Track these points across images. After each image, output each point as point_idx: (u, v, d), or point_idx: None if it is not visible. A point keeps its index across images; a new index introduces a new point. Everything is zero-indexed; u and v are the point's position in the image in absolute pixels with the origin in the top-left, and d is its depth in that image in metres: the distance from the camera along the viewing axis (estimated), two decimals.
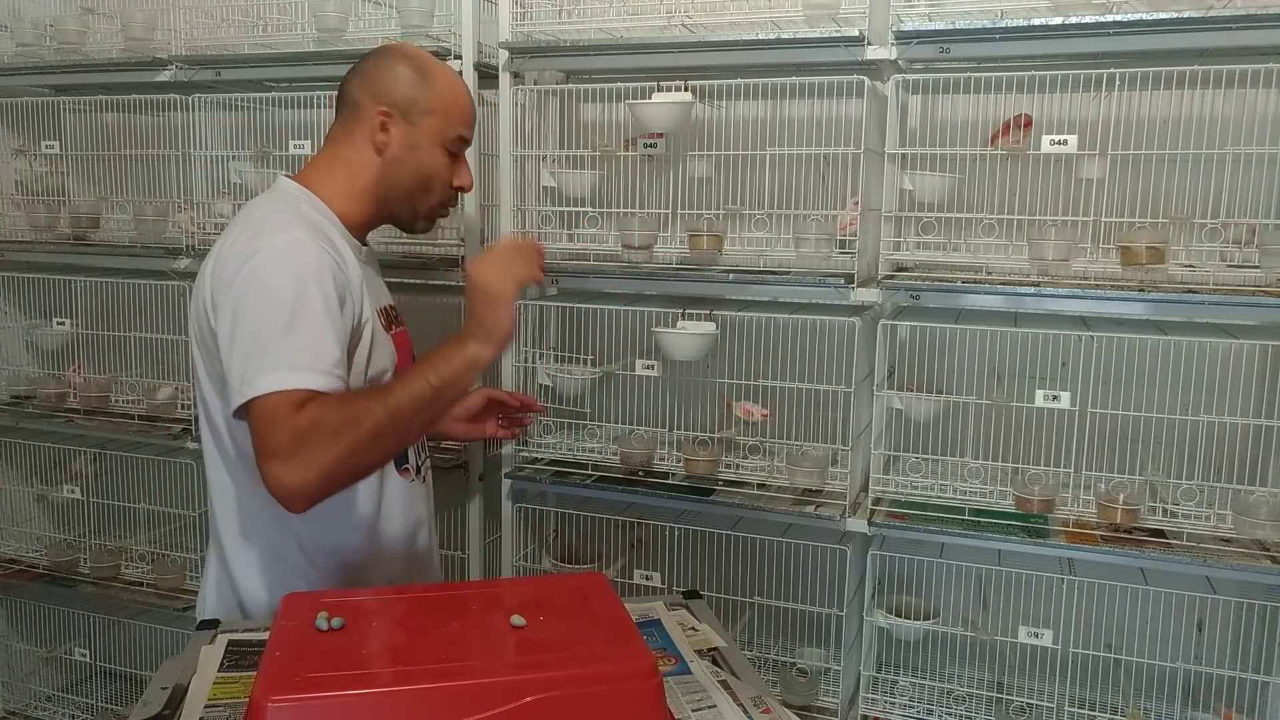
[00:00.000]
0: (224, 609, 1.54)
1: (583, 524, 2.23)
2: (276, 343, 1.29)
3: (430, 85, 1.52)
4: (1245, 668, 1.96)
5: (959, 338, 2.07)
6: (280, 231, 1.38)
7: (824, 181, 2.12)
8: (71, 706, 2.83)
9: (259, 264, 1.33)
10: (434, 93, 1.52)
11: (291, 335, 1.30)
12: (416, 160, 1.53)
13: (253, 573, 1.51)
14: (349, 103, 1.53)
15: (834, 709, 2.07)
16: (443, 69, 1.57)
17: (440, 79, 1.54)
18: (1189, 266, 1.84)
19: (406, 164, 1.52)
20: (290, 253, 1.35)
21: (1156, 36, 1.72)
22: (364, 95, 1.52)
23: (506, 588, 1.56)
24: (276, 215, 1.44)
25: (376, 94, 1.51)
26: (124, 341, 2.54)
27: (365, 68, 1.54)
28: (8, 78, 2.58)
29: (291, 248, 1.36)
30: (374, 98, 1.51)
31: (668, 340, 2.00)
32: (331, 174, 1.52)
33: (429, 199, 1.56)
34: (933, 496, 1.99)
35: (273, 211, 1.46)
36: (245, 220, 1.45)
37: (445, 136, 1.54)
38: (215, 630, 1.40)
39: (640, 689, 1.06)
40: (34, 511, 2.84)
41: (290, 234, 1.38)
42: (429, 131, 1.52)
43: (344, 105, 1.54)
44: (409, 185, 1.53)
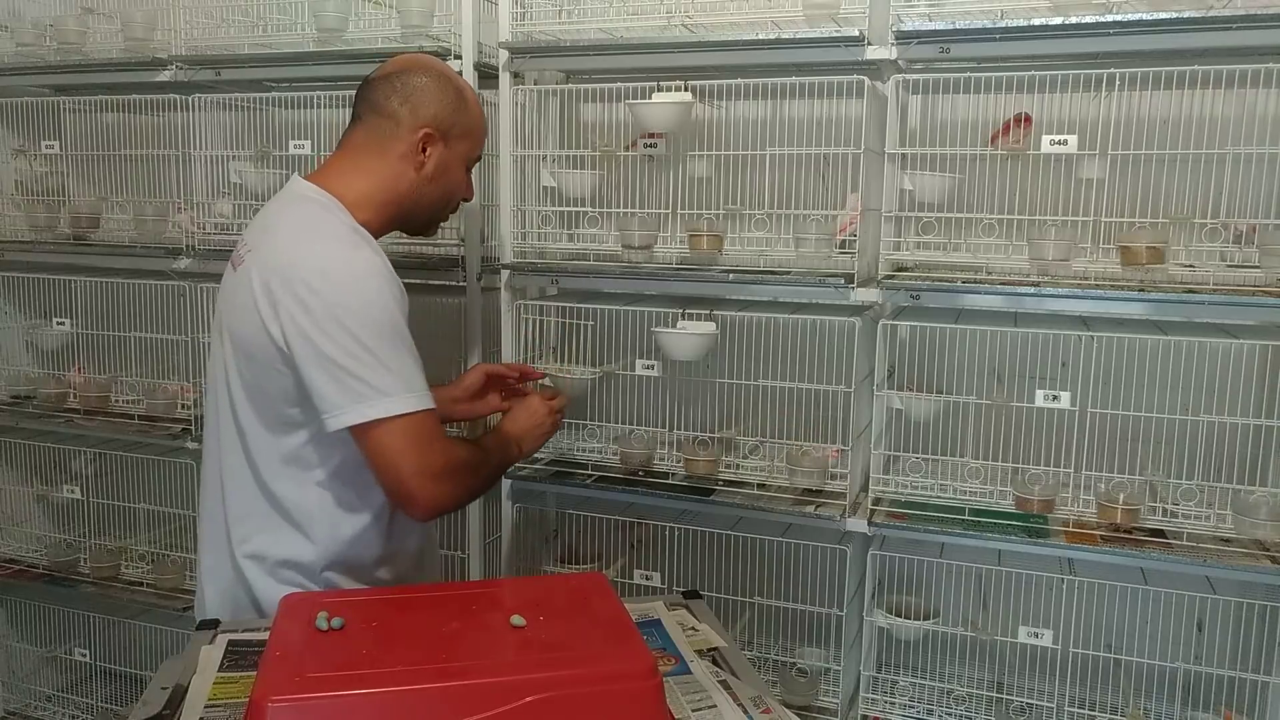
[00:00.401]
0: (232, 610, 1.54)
1: (583, 524, 2.23)
2: (393, 358, 1.39)
3: (468, 111, 1.59)
4: (1245, 668, 1.96)
5: (959, 338, 2.07)
6: (356, 248, 1.43)
7: (824, 181, 2.12)
8: (71, 706, 2.83)
9: (351, 280, 1.39)
10: (470, 118, 1.60)
11: (405, 355, 1.41)
12: (446, 179, 1.59)
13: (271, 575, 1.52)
14: (382, 113, 1.53)
15: (834, 709, 2.07)
16: (472, 92, 1.63)
17: (474, 104, 1.62)
18: (1189, 266, 1.84)
19: (438, 182, 1.58)
20: (379, 273, 1.42)
21: (1156, 36, 1.72)
22: (403, 110, 1.53)
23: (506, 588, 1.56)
24: (329, 227, 1.46)
25: (418, 112, 1.53)
26: (124, 341, 2.54)
27: (407, 82, 1.54)
28: (8, 78, 2.58)
29: (376, 267, 1.42)
30: (415, 115, 1.53)
31: (668, 340, 2.00)
32: (356, 181, 1.52)
33: (445, 212, 1.65)
34: (933, 496, 1.99)
35: (322, 222, 1.47)
36: (291, 229, 1.46)
37: (470, 158, 1.63)
38: (215, 630, 1.40)
39: (640, 689, 1.06)
40: (34, 511, 2.84)
41: (363, 250, 1.43)
42: (460, 154, 1.60)
43: (374, 113, 1.54)
44: (434, 201, 1.60)
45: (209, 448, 1.57)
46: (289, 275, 1.39)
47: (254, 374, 1.45)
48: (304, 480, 1.48)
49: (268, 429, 1.47)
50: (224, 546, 1.54)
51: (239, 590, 1.54)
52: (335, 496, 1.49)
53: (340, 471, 1.48)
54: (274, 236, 1.46)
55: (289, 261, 1.40)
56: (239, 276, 1.47)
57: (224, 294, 1.53)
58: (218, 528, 1.55)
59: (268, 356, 1.42)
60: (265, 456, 1.48)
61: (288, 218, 1.50)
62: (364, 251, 1.43)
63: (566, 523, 2.25)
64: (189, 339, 2.42)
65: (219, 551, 1.55)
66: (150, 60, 2.37)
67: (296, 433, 1.46)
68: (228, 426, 1.52)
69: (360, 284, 1.39)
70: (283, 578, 1.51)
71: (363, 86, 1.57)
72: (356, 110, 1.56)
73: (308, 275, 1.38)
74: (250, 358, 1.45)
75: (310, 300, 1.37)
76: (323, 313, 1.36)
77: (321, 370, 1.37)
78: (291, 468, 1.48)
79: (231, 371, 1.48)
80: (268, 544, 1.51)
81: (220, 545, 1.55)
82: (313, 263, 1.39)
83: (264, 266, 1.42)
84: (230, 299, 1.50)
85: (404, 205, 1.56)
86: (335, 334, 1.36)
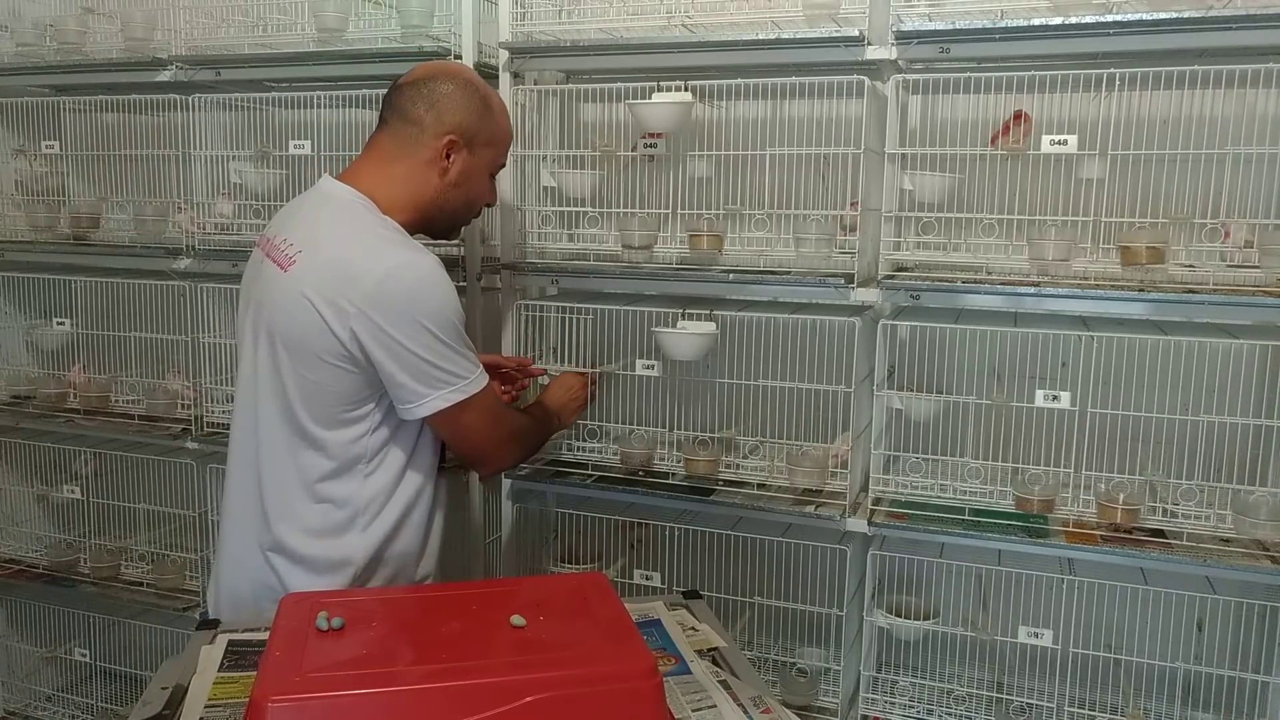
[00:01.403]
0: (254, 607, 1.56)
1: (583, 524, 2.23)
2: (461, 346, 1.51)
3: (494, 120, 1.64)
4: (1245, 668, 1.96)
5: (959, 338, 2.07)
6: (417, 250, 1.50)
7: (824, 181, 2.12)
8: (71, 706, 2.83)
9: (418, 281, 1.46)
10: (496, 127, 1.64)
11: (464, 338, 1.52)
12: (470, 186, 1.64)
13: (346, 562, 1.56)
14: (409, 119, 1.56)
15: (834, 709, 2.07)
16: (499, 102, 1.67)
17: (500, 114, 1.67)
18: (1189, 266, 1.84)
19: (462, 189, 1.62)
20: (440, 271, 1.50)
21: (1156, 36, 1.72)
22: (430, 117, 1.56)
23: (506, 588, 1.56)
24: (376, 230, 1.51)
25: (443, 119, 1.56)
26: (124, 341, 2.54)
27: (433, 89, 1.57)
28: (8, 78, 2.58)
29: (437, 266, 1.50)
30: (440, 122, 1.56)
31: (668, 340, 2.00)
32: (385, 185, 1.56)
33: (469, 216, 1.70)
34: (933, 496, 1.99)
35: (368, 225, 1.52)
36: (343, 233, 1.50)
37: (495, 166, 1.68)
38: (215, 630, 1.40)
39: (640, 689, 1.06)
40: (34, 511, 2.84)
41: (428, 255, 1.51)
42: (484, 161, 1.65)
43: (401, 119, 1.57)
44: (458, 207, 1.65)
45: (243, 447, 1.59)
46: (358, 279, 1.44)
47: (315, 375, 1.48)
48: (355, 476, 1.53)
49: (324, 427, 1.50)
50: (254, 546, 1.56)
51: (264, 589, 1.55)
52: (385, 490, 1.55)
53: (389, 465, 1.55)
54: (327, 239, 1.49)
55: (353, 266, 1.45)
56: (290, 279, 1.48)
57: (266, 293, 1.53)
58: (249, 527, 1.57)
59: (333, 358, 1.46)
60: (315, 455, 1.52)
61: (334, 220, 1.52)
62: (425, 254, 1.50)
63: (566, 523, 2.25)
64: (189, 339, 2.42)
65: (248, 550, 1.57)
66: (150, 60, 2.37)
67: (352, 428, 1.51)
68: (271, 426, 1.53)
69: (429, 284, 1.47)
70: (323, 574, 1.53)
71: (390, 92, 1.60)
72: (383, 115, 1.59)
73: (381, 278, 1.44)
74: (307, 360, 1.48)
75: (385, 303, 1.44)
76: (399, 314, 1.44)
77: (404, 367, 1.46)
78: (345, 464, 1.52)
79: (284, 372, 1.50)
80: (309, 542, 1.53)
81: (250, 544, 1.57)
82: (381, 266, 1.44)
83: (322, 270, 1.46)
84: (277, 300, 1.50)
85: (428, 210, 1.60)
86: (414, 332, 1.45)
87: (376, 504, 1.55)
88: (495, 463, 1.68)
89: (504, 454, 1.67)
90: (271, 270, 1.52)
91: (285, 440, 1.52)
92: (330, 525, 1.53)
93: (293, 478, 1.53)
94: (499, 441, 1.63)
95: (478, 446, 1.61)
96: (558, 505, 2.28)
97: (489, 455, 1.64)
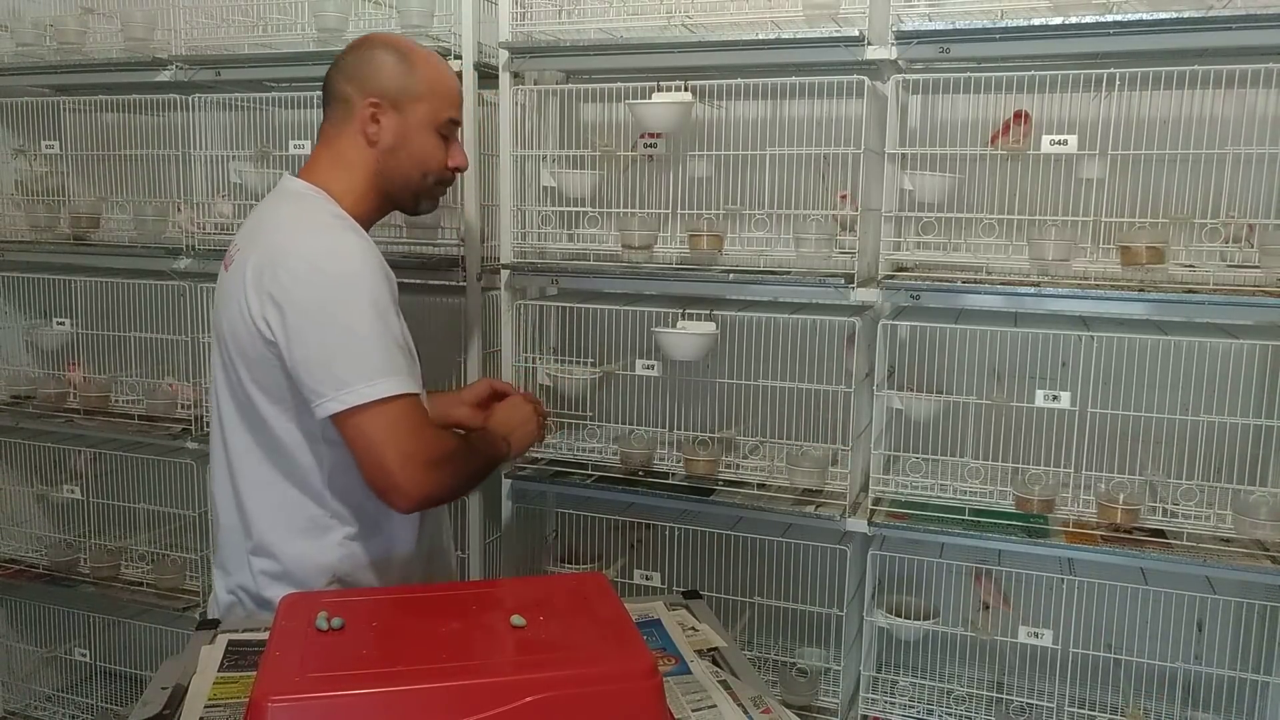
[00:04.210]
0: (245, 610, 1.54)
1: (583, 524, 2.23)
2: (376, 344, 1.37)
3: (416, 71, 1.53)
4: (1245, 668, 1.96)
5: (959, 338, 2.07)
6: (337, 235, 1.42)
7: (824, 181, 2.12)
8: (71, 706, 2.83)
9: (333, 266, 1.38)
10: (420, 78, 1.53)
11: (385, 338, 1.38)
12: (410, 147, 1.54)
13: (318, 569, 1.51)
14: (337, 98, 1.54)
15: (834, 709, 2.07)
16: (425, 53, 1.57)
17: (424, 64, 1.55)
18: (1189, 266, 1.84)
19: (401, 152, 1.54)
20: (359, 258, 1.40)
21: (1156, 36, 1.72)
22: (351, 88, 1.52)
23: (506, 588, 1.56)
24: (314, 217, 1.46)
25: (364, 86, 1.51)
26: (124, 341, 2.54)
27: (348, 61, 1.54)
28: (8, 78, 2.58)
29: (356, 253, 1.40)
30: (361, 90, 1.51)
31: (668, 340, 2.00)
32: (334, 172, 1.53)
33: (426, 183, 1.58)
34: (933, 496, 1.99)
35: (307, 214, 1.47)
36: (279, 223, 1.46)
37: (436, 120, 1.55)
38: (215, 630, 1.40)
39: (640, 689, 1.06)
40: (34, 511, 2.83)
41: (348, 237, 1.42)
42: (419, 119, 1.54)
43: (332, 101, 1.55)
44: (406, 172, 1.55)
45: (216, 454, 1.56)
46: (273, 266, 1.39)
47: (254, 372, 1.44)
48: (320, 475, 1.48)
49: (277, 424, 1.46)
50: (241, 549, 1.54)
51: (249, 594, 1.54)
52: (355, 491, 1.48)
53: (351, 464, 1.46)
54: (260, 233, 1.46)
55: (272, 254, 1.40)
56: (230, 276, 1.47)
57: (218, 297, 1.53)
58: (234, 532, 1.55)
59: (259, 352, 1.41)
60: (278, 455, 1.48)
61: (274, 214, 1.50)
62: (346, 237, 1.42)
63: (566, 523, 2.25)
64: (189, 339, 2.42)
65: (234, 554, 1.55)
66: (150, 60, 2.37)
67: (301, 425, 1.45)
68: (233, 426, 1.51)
69: (340, 270, 1.38)
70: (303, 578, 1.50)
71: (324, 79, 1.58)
72: (324, 103, 1.57)
73: (291, 264, 1.38)
74: (246, 356, 1.44)
75: (292, 288, 1.37)
76: (304, 301, 1.36)
77: (302, 360, 1.37)
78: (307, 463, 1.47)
79: (238, 371, 1.47)
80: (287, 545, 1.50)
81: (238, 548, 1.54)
82: (294, 251, 1.39)
83: (250, 262, 1.42)
84: (220, 300, 1.50)
85: (377, 183, 1.54)
86: (318, 321, 1.36)
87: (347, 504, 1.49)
88: (410, 490, 1.37)
89: (423, 480, 1.38)
90: (221, 272, 1.52)
91: (248, 440, 1.49)
92: (305, 525, 1.49)
93: (262, 477, 1.49)
94: (415, 464, 1.37)
95: (382, 466, 1.36)
96: (558, 505, 2.28)
97: (400, 480, 1.36)
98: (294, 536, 1.50)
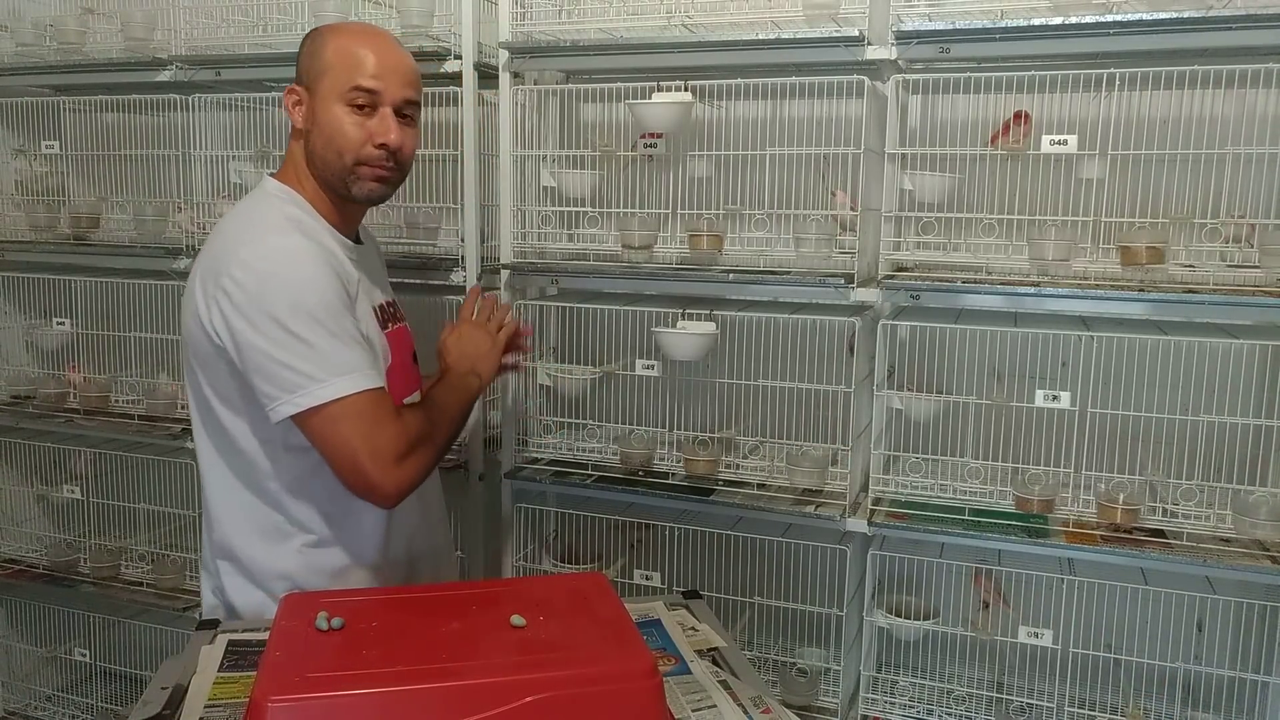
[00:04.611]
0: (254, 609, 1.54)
1: (583, 524, 2.23)
2: (325, 344, 1.34)
3: (322, 48, 1.48)
4: (1245, 668, 1.96)
5: (959, 338, 2.07)
6: (277, 236, 1.40)
7: (824, 181, 2.12)
8: (71, 706, 2.83)
9: (272, 269, 1.35)
10: (325, 54, 1.47)
11: (334, 338, 1.35)
12: (320, 124, 1.47)
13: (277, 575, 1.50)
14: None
15: (834, 709, 2.07)
16: (343, 28, 1.52)
17: (334, 38, 1.48)
18: (1189, 266, 1.84)
19: (315, 134, 1.48)
20: (300, 257, 1.38)
21: (1156, 36, 1.72)
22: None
23: (506, 588, 1.56)
24: (263, 219, 1.44)
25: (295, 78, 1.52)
26: (124, 341, 2.54)
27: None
28: (8, 78, 2.58)
29: (297, 252, 1.38)
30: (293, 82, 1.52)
31: (668, 340, 2.00)
32: (288, 169, 1.53)
33: (344, 163, 1.47)
34: (933, 496, 1.99)
35: (257, 215, 1.46)
36: (229, 226, 1.45)
37: (341, 90, 1.46)
38: (215, 630, 1.40)
39: (640, 689, 1.06)
40: (34, 511, 2.83)
41: (288, 239, 1.40)
42: (326, 92, 1.47)
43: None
44: (323, 155, 1.48)
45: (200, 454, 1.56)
46: (217, 270, 1.38)
47: (210, 376, 1.44)
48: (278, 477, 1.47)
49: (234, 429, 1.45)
50: (210, 551, 1.55)
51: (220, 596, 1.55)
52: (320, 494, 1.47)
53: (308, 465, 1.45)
54: (215, 235, 1.45)
55: (217, 258, 1.39)
56: (189, 279, 1.46)
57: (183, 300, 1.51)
58: (205, 533, 1.55)
59: (212, 357, 1.41)
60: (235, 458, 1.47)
61: (233, 216, 1.49)
62: (287, 239, 1.40)
63: (566, 523, 2.25)
64: None
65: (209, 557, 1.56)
66: (150, 60, 2.37)
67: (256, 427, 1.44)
68: (199, 430, 1.51)
69: (281, 270, 1.36)
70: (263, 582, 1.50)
71: None
72: None
73: (232, 267, 1.36)
74: (201, 360, 1.44)
75: (235, 292, 1.35)
76: (246, 303, 1.34)
77: (253, 363, 1.35)
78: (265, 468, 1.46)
79: (198, 376, 1.46)
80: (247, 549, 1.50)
81: (208, 549, 1.55)
82: (235, 256, 1.37)
83: (201, 266, 1.42)
84: (184, 304, 1.48)
85: (313, 172, 1.50)
86: (261, 324, 1.33)
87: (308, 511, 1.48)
88: (388, 486, 1.35)
89: (399, 473, 1.36)
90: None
91: (209, 444, 1.49)
92: (264, 530, 1.48)
93: (223, 481, 1.49)
94: (386, 460, 1.34)
95: (357, 468, 1.34)
96: (558, 505, 2.28)
97: (375, 478, 1.34)
98: (254, 541, 1.49)
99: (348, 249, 1.52)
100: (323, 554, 1.50)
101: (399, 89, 1.48)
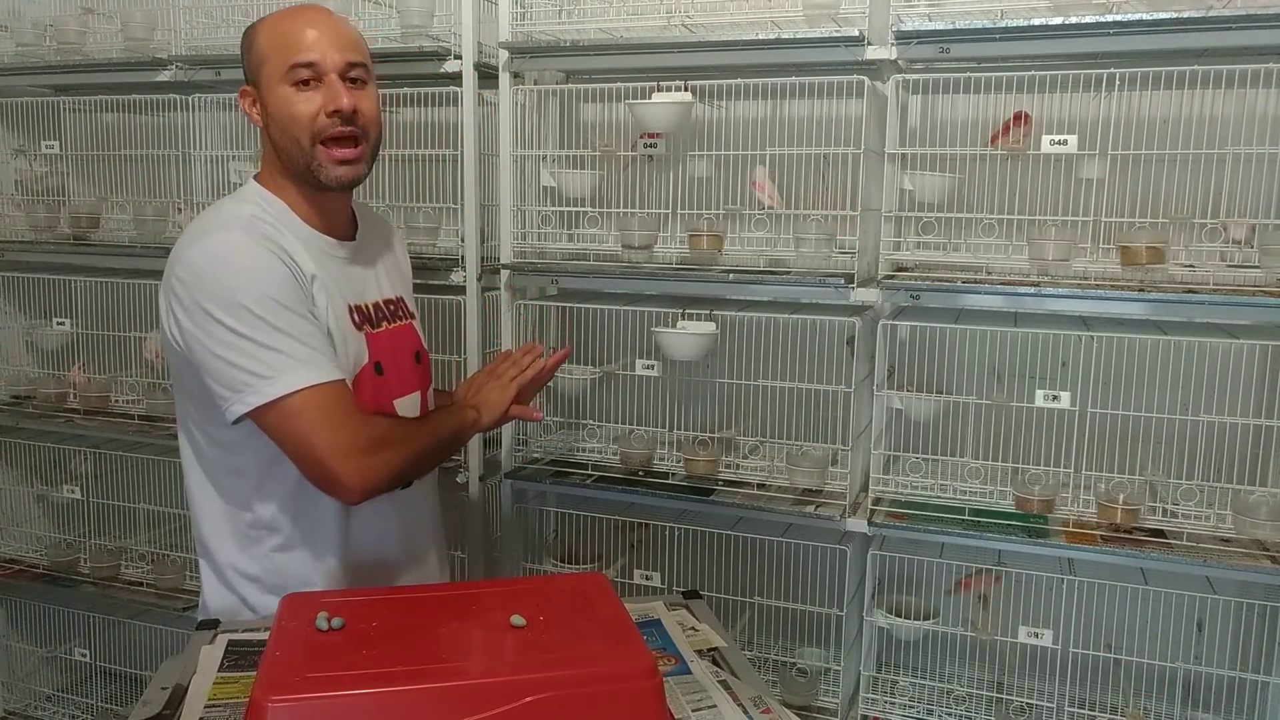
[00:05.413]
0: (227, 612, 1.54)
1: (583, 524, 2.23)
2: (275, 340, 1.33)
3: (255, 39, 1.48)
4: (1245, 668, 1.96)
5: (959, 338, 2.07)
6: (223, 234, 1.39)
7: (824, 181, 2.12)
8: (71, 706, 2.83)
9: (216, 268, 1.34)
10: (260, 44, 1.47)
11: (284, 335, 1.34)
12: (273, 114, 1.46)
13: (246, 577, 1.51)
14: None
15: (834, 709, 2.07)
16: (273, 15, 1.49)
17: (264, 27, 1.48)
18: (1189, 266, 1.84)
19: (271, 125, 1.47)
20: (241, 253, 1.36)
21: (1156, 36, 1.72)
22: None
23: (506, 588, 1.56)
24: (216, 218, 1.44)
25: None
26: (124, 341, 2.54)
27: None
28: (8, 78, 2.58)
29: (236, 248, 1.36)
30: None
31: (668, 340, 2.00)
32: (263, 169, 1.53)
33: (301, 145, 1.45)
34: (933, 496, 1.99)
35: (213, 215, 1.46)
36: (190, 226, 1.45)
37: (281, 73, 1.44)
38: (215, 630, 1.40)
39: (640, 689, 1.06)
40: (34, 511, 2.84)
41: (232, 237, 1.38)
42: (269, 80, 1.45)
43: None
44: (283, 144, 1.46)
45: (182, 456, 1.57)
46: (169, 273, 1.39)
47: (176, 377, 1.45)
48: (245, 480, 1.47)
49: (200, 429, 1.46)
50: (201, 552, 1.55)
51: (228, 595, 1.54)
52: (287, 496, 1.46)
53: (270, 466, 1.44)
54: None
55: (173, 258, 1.40)
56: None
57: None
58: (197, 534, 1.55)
59: (178, 358, 1.41)
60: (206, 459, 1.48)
61: (200, 216, 1.49)
62: (228, 234, 1.38)
63: (566, 522, 2.25)
64: None
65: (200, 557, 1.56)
66: (150, 60, 2.37)
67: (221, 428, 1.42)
68: (180, 437, 1.52)
69: (217, 267, 1.34)
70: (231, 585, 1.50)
71: None
72: None
73: (177, 267, 1.37)
74: (169, 359, 1.45)
75: (180, 292, 1.35)
76: (190, 302, 1.34)
77: (202, 363, 1.34)
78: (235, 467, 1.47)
79: (170, 376, 1.48)
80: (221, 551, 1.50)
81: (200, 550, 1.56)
82: (184, 257, 1.37)
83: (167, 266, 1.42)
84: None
85: (281, 167, 1.49)
86: (202, 322, 1.33)
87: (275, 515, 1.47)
88: (350, 481, 1.33)
89: (362, 468, 1.34)
90: None
91: (186, 444, 1.50)
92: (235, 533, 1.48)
93: (198, 482, 1.50)
94: (347, 453, 1.32)
95: (318, 462, 1.32)
96: (558, 505, 2.28)
97: (337, 472, 1.32)
98: (226, 542, 1.50)
99: (329, 245, 1.50)
100: (288, 558, 1.49)
101: (337, 53, 1.45)
